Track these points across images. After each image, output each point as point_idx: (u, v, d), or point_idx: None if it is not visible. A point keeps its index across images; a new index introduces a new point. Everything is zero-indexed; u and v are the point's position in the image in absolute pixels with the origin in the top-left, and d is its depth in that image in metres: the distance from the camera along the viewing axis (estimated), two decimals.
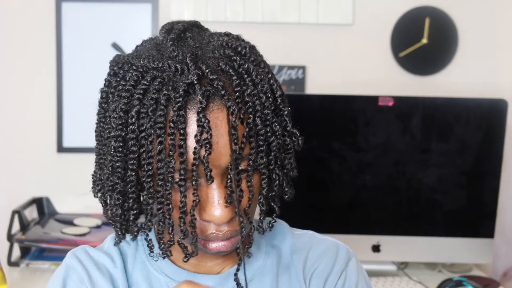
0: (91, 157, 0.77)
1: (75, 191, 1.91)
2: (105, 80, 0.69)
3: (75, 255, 0.76)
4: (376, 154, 1.67)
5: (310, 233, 0.84)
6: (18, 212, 1.74)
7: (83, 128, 1.91)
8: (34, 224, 1.80)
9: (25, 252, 1.72)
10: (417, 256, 1.72)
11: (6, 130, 1.95)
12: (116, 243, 0.77)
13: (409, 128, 1.66)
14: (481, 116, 1.66)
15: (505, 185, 1.89)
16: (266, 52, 0.76)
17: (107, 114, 0.68)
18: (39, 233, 1.73)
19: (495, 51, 2.00)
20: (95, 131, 0.71)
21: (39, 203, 1.91)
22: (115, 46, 1.91)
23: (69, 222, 1.83)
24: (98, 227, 1.81)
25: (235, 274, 0.67)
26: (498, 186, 1.67)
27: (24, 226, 1.76)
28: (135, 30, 1.90)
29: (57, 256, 1.69)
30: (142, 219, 0.73)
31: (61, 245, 1.67)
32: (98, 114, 0.70)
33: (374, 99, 1.65)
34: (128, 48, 1.85)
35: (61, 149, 1.94)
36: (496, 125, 1.65)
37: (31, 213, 1.89)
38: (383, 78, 1.98)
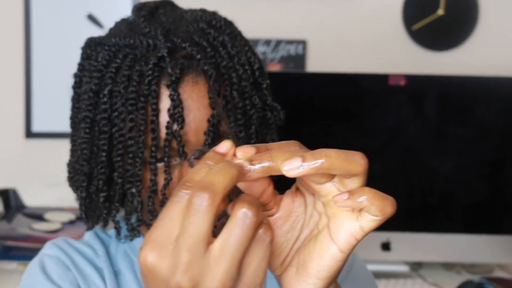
0: (64, 143, 0.79)
1: (45, 182, 1.86)
2: (78, 64, 0.72)
3: (55, 244, 0.77)
4: (386, 140, 1.67)
5: None
6: None
7: (55, 110, 1.85)
8: None
9: None
10: (432, 255, 1.71)
11: None
12: (88, 229, 0.78)
13: (423, 111, 1.66)
14: (504, 97, 1.65)
15: None
16: (262, 25, 0.79)
17: (80, 98, 0.71)
18: (5, 229, 1.69)
19: None
20: (70, 118, 0.74)
21: (5, 195, 1.84)
22: (91, 18, 1.87)
23: (39, 217, 1.79)
24: (71, 222, 1.76)
25: None
26: None
27: None
28: (113, 0, 1.87)
29: (25, 255, 1.63)
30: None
31: (30, 243, 1.63)
32: (72, 99, 0.73)
33: (383, 78, 1.64)
34: (106, 20, 1.88)
35: (29, 134, 1.91)
36: None
37: None
38: (393, 54, 1.96)
